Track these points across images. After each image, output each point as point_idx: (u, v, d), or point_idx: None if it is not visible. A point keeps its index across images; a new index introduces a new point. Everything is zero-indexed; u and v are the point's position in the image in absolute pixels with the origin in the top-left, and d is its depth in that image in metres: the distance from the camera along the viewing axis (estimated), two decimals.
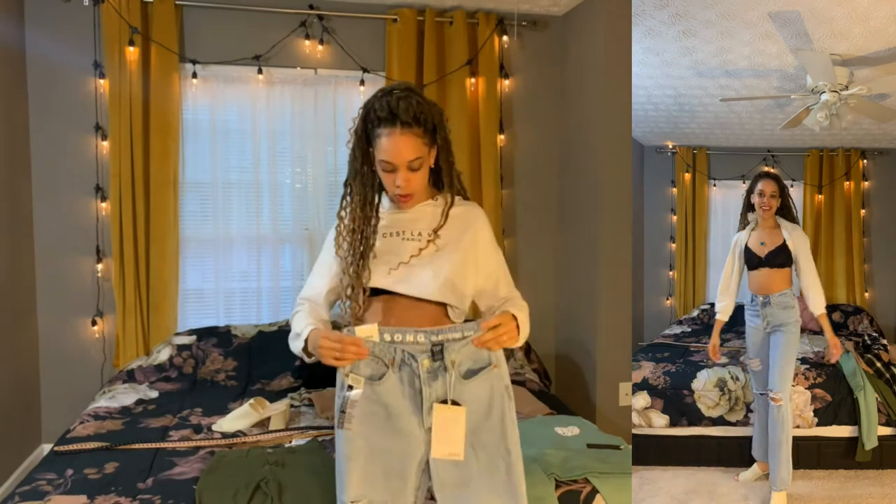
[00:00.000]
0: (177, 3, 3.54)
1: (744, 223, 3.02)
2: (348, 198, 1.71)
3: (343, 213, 1.71)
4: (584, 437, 2.62)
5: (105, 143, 3.52)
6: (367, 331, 1.58)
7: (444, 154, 1.68)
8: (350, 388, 1.60)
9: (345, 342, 1.55)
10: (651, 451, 3.24)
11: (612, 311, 3.73)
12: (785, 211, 2.95)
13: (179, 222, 3.63)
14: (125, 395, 3.11)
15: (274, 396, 3.14)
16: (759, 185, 2.91)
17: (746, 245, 2.94)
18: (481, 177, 3.92)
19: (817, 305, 2.84)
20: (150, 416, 2.89)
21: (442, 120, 1.66)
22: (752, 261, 2.91)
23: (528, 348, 3.81)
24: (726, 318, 2.99)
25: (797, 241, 2.87)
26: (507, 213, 4.09)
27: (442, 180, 1.73)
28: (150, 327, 3.57)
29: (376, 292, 1.67)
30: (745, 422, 3.21)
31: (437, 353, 1.58)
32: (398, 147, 1.58)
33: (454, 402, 1.58)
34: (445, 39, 3.87)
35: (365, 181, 1.67)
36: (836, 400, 3.17)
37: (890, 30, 2.86)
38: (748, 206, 2.98)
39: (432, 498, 1.67)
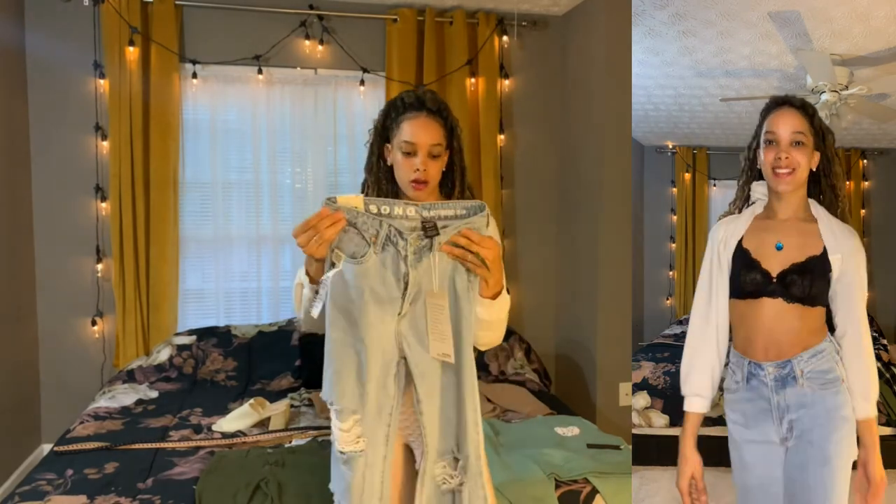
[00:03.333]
0: (177, 3, 3.54)
1: (739, 203, 1.72)
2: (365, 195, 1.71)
3: None
4: (584, 437, 2.62)
5: (105, 143, 3.52)
6: (351, 200, 1.42)
7: (458, 159, 1.70)
8: (332, 265, 1.42)
9: (315, 218, 1.40)
10: (651, 451, 3.24)
11: (612, 311, 3.73)
12: (823, 185, 1.63)
13: (179, 222, 3.63)
14: (125, 395, 3.11)
15: (274, 396, 3.14)
16: (770, 122, 1.60)
17: (741, 245, 1.61)
18: (481, 177, 3.91)
19: (867, 398, 1.53)
20: (150, 416, 2.89)
21: (458, 129, 1.69)
22: (748, 280, 1.58)
23: (528, 348, 3.81)
24: (706, 410, 1.65)
25: (849, 253, 1.55)
26: (507, 213, 4.09)
27: (451, 190, 1.72)
28: (150, 327, 3.57)
29: None
30: None
31: (429, 229, 1.44)
32: (422, 129, 1.60)
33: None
34: (445, 39, 3.87)
35: (380, 175, 1.69)
36: None
37: (890, 30, 2.86)
38: (750, 172, 1.70)
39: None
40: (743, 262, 1.60)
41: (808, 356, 1.54)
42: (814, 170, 1.61)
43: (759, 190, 1.68)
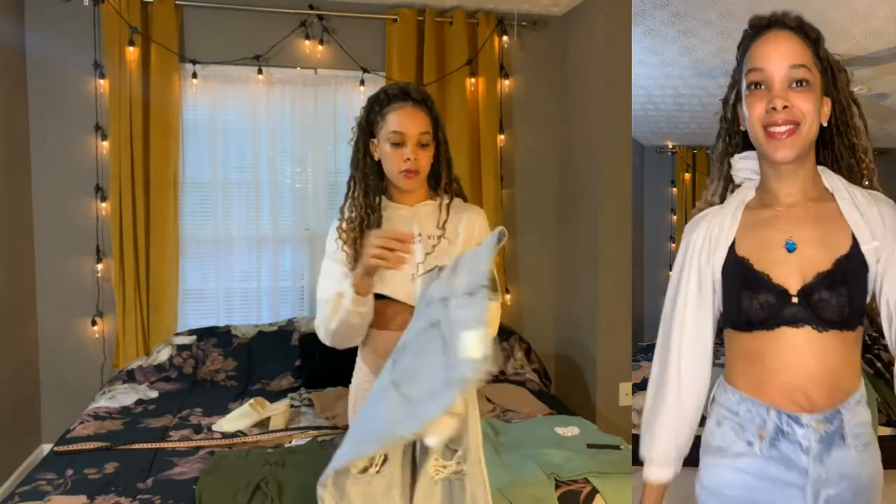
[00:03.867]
0: (177, 3, 3.54)
1: (717, 186, 1.24)
2: (351, 193, 1.70)
3: (345, 207, 1.69)
4: (584, 437, 2.62)
5: (105, 143, 3.52)
6: None
7: (444, 150, 1.69)
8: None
9: (399, 245, 1.45)
10: None
11: (612, 311, 3.73)
12: (838, 147, 1.16)
13: (179, 222, 3.63)
14: (125, 395, 3.11)
15: (274, 396, 3.13)
16: (754, 54, 1.11)
17: (734, 253, 1.14)
18: (481, 177, 3.91)
19: None
20: (150, 416, 2.89)
21: (441, 121, 1.70)
22: (756, 305, 1.09)
23: (528, 348, 3.81)
24: (667, 480, 1.28)
25: (885, 226, 1.09)
26: (507, 213, 4.09)
27: (439, 184, 1.71)
28: (150, 327, 3.57)
29: (379, 296, 1.62)
30: None
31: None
32: (410, 118, 1.61)
33: None
34: (445, 39, 3.87)
35: (367, 171, 1.67)
36: None
37: (890, 30, 2.86)
38: (729, 138, 1.20)
39: None
40: (743, 277, 1.09)
41: (854, 403, 1.07)
42: (824, 125, 1.09)
43: (744, 165, 1.16)
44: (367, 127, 1.68)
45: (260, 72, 3.67)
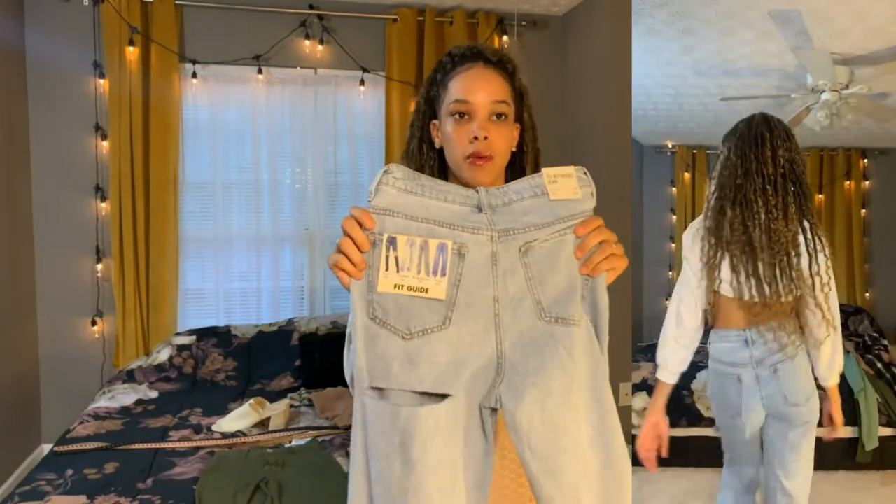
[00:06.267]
0: (177, 3, 3.54)
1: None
2: None
3: None
4: None
5: (105, 143, 3.52)
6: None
7: (529, 138, 1.29)
8: None
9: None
10: None
11: (612, 311, 3.70)
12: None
13: (179, 222, 3.63)
14: (125, 396, 3.11)
15: (274, 396, 3.14)
16: None
17: None
18: None
19: None
20: (150, 417, 2.89)
21: (528, 97, 1.28)
22: None
23: None
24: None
25: None
26: None
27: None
28: (150, 327, 3.57)
29: None
30: None
31: None
32: (479, 80, 1.16)
33: None
34: (445, 39, 3.87)
35: (423, 164, 1.24)
36: None
37: (890, 29, 2.86)
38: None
39: None
40: None
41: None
42: None
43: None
44: (428, 106, 1.23)
45: (260, 72, 3.67)
